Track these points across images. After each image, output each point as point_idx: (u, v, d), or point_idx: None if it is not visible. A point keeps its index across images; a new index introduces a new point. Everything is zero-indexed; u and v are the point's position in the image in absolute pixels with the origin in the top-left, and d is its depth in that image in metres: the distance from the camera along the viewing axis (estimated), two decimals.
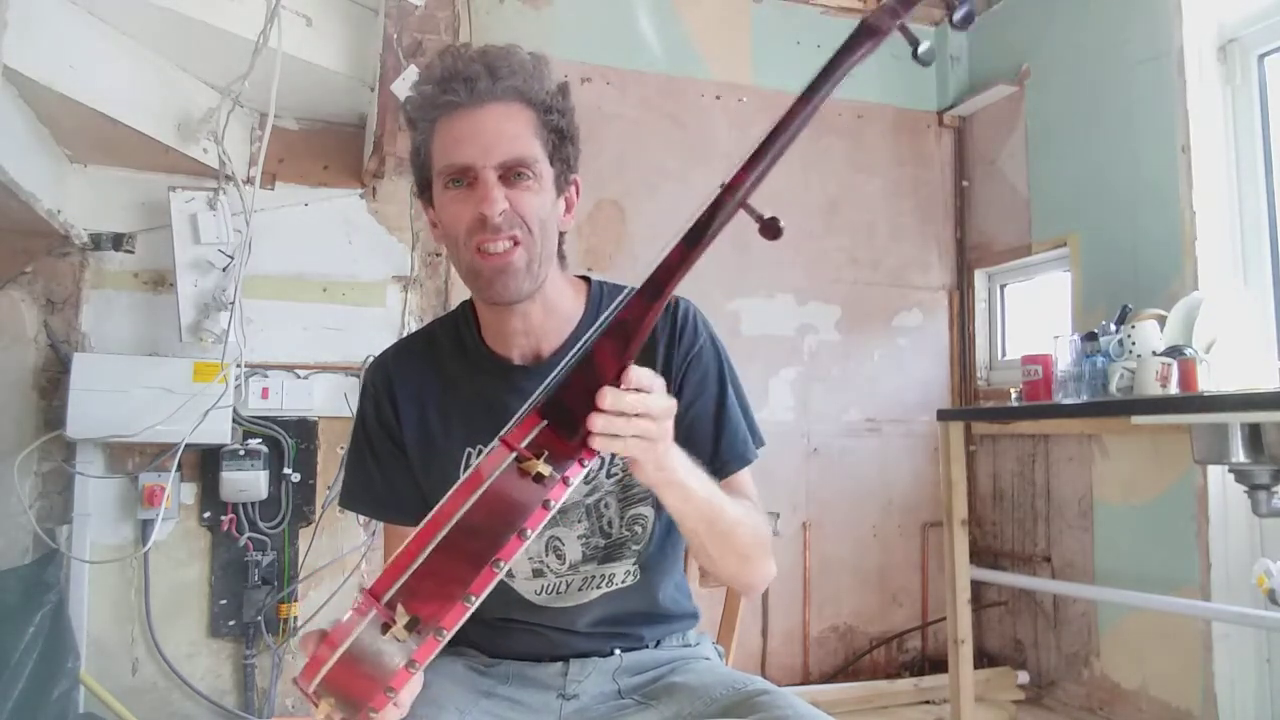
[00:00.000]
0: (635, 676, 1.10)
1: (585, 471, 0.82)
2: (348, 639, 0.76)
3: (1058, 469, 2.96)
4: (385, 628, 0.74)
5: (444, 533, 0.76)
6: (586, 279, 1.17)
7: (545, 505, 0.78)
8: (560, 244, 1.10)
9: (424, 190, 1.08)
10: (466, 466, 1.09)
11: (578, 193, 1.12)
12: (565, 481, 0.79)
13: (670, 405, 0.84)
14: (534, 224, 1.01)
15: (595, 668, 1.10)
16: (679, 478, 0.90)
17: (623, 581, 1.12)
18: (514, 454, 0.79)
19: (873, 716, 2.79)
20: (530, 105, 1.02)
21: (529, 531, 0.77)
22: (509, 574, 1.06)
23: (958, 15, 0.78)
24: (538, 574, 1.11)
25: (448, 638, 0.76)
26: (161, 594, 2.44)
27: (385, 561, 1.12)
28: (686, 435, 1.01)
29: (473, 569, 0.75)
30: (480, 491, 0.77)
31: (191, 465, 2.46)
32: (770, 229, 0.82)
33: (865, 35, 0.77)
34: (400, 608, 0.75)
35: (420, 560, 0.75)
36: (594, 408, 0.79)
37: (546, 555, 1.11)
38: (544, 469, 0.78)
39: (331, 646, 0.77)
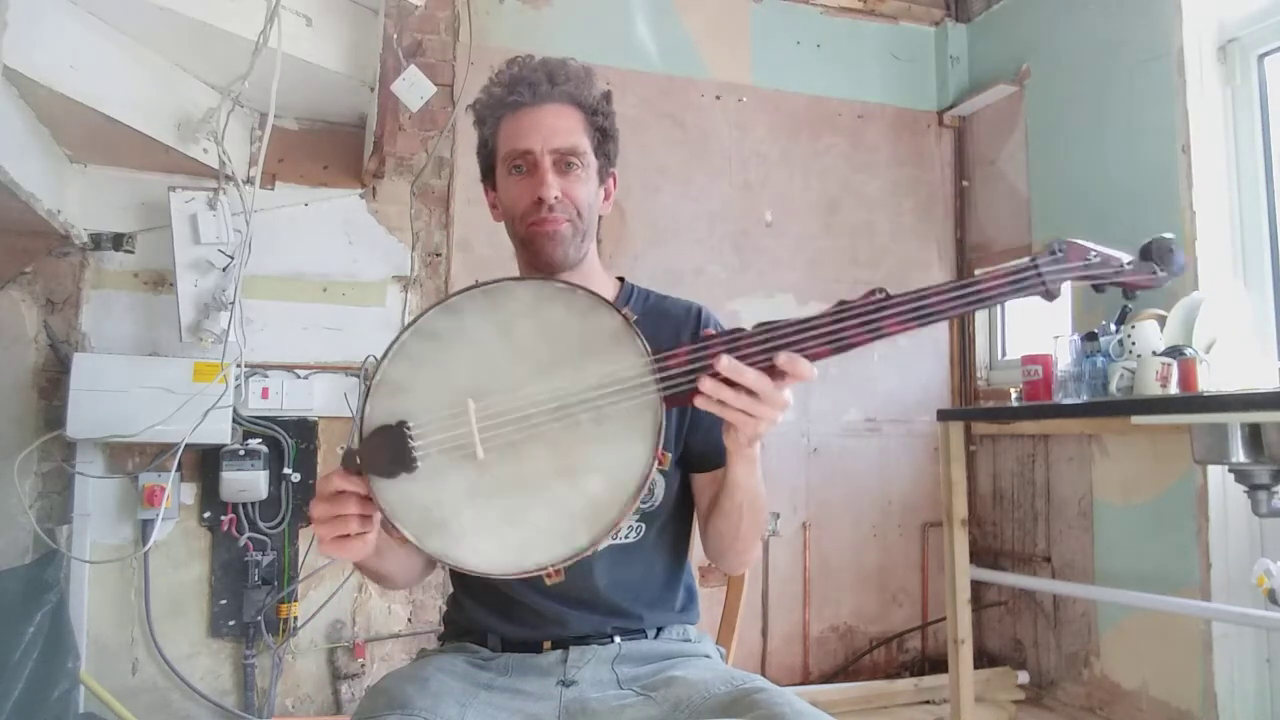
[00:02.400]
0: (635, 668, 1.11)
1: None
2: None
3: (1058, 469, 2.96)
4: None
5: None
6: (620, 279, 1.33)
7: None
8: (598, 227, 1.25)
9: (487, 176, 1.25)
10: None
11: (615, 184, 1.29)
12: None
13: (785, 401, 0.91)
14: (583, 208, 1.17)
15: (594, 655, 1.12)
16: (755, 453, 1.03)
17: (625, 536, 1.16)
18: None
19: (873, 716, 2.79)
20: (580, 107, 1.19)
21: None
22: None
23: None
24: None
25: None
26: (161, 594, 2.44)
27: None
28: (697, 421, 1.16)
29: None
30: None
31: (191, 465, 2.46)
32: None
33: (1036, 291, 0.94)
34: None
35: None
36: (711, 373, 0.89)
37: None
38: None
39: None
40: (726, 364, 0.88)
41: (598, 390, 0.90)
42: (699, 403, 0.90)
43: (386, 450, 0.89)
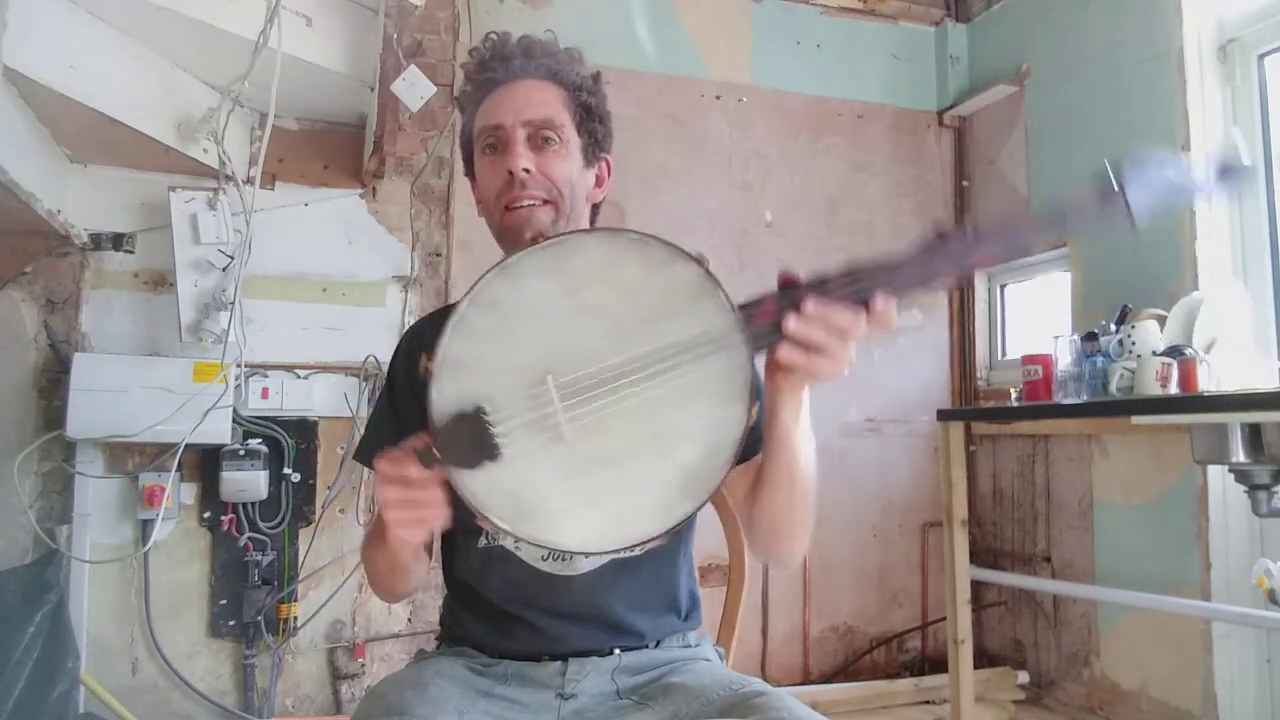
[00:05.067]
0: (634, 676, 1.09)
1: None
2: None
3: (1058, 469, 2.96)
4: None
5: None
6: None
7: None
8: (594, 218, 1.16)
9: (469, 167, 1.16)
10: None
11: (609, 171, 1.18)
12: None
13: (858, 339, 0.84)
14: (562, 186, 1.07)
15: (594, 667, 1.09)
16: (805, 396, 0.96)
17: (633, 550, 1.11)
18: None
19: (873, 716, 2.79)
20: (560, 84, 1.11)
21: None
22: (517, 541, 1.08)
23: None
24: None
25: None
26: (161, 594, 2.44)
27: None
28: None
29: None
30: None
31: (191, 465, 2.46)
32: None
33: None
34: None
35: None
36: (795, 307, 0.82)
37: None
38: None
39: None
40: (814, 306, 0.82)
41: (680, 352, 0.84)
42: (784, 354, 0.83)
43: (466, 439, 0.82)
